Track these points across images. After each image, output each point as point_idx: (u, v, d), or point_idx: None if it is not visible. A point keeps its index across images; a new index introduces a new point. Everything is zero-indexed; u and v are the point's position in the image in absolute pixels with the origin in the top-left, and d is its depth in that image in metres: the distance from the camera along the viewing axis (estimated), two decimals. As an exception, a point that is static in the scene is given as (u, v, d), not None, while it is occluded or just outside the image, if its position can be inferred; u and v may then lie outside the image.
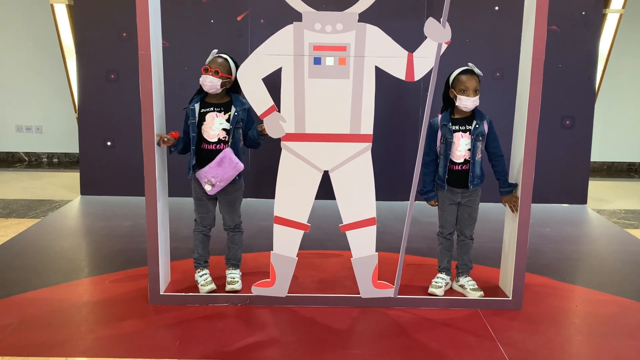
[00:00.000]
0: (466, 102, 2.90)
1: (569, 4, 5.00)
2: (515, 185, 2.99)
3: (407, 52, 2.76)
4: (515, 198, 2.97)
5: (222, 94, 2.96)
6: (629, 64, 6.56)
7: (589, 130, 5.24)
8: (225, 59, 2.95)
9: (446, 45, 2.72)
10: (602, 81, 5.60)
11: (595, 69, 5.19)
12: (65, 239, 4.08)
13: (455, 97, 2.93)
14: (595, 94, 5.29)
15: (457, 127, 2.97)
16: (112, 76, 5.11)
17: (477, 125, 2.96)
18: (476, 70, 2.92)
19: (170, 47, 4.83)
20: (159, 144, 2.85)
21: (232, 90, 3.00)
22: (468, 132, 2.96)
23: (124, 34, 5.02)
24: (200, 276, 3.11)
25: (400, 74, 2.78)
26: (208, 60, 2.93)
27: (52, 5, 5.22)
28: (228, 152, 2.92)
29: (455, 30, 2.76)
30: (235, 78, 2.93)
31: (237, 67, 2.94)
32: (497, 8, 4.99)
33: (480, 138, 2.97)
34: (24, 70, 6.57)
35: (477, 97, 2.92)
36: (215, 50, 2.97)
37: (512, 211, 3.01)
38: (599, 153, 6.74)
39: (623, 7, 5.35)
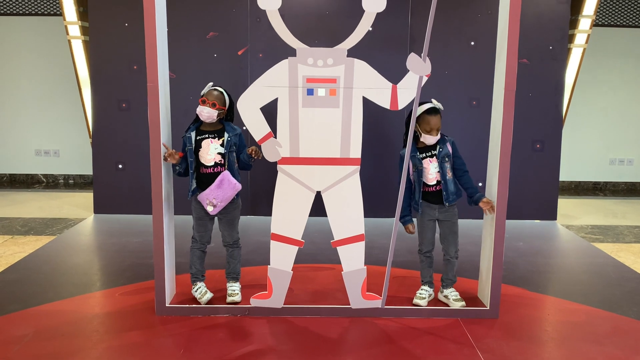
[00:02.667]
0: (430, 140, 2.95)
1: (538, 39, 5.06)
2: (479, 193, 2.99)
3: (391, 84, 2.78)
4: (488, 201, 2.95)
5: (216, 122, 2.97)
6: (592, 92, 6.63)
7: (557, 153, 5.27)
8: (221, 92, 2.95)
9: (427, 78, 2.74)
10: (568, 108, 5.64)
11: (562, 98, 5.24)
12: (79, 254, 4.04)
13: (420, 133, 2.94)
14: (563, 120, 5.32)
15: (424, 155, 2.99)
16: (124, 105, 5.11)
17: (440, 149, 2.98)
18: (438, 105, 2.95)
19: (177, 78, 4.85)
20: (165, 159, 2.84)
21: (224, 118, 3.01)
22: (435, 157, 2.98)
23: (135, 67, 5.03)
24: (196, 290, 3.08)
25: (385, 104, 2.80)
26: (204, 92, 2.92)
27: (69, 41, 5.24)
28: (226, 174, 2.91)
29: (435, 62, 2.79)
30: (230, 110, 2.96)
31: (230, 99, 2.96)
32: (472, 43, 5.05)
33: (447, 159, 2.98)
34: (43, 100, 6.57)
35: (439, 133, 2.95)
36: (211, 83, 2.97)
37: (491, 213, 2.96)
38: (567, 173, 6.77)
39: (586, 42, 5.42)
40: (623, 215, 5.68)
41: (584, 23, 5.44)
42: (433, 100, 2.97)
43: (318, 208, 2.89)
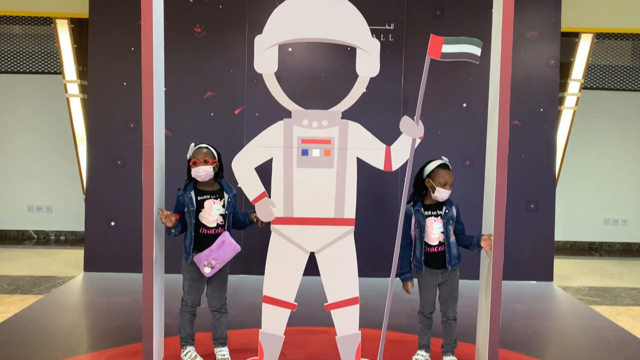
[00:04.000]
0: (443, 195, 2.93)
1: (529, 101, 5.18)
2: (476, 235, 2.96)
3: (385, 145, 2.81)
4: (488, 237, 2.89)
5: (211, 180, 2.97)
6: (584, 153, 6.72)
7: (551, 213, 5.28)
8: (206, 147, 2.96)
9: (420, 140, 2.78)
10: (561, 169, 5.71)
11: (555, 158, 5.30)
12: (66, 315, 3.93)
13: (433, 188, 2.94)
14: (556, 180, 5.37)
15: (429, 213, 2.98)
16: (119, 162, 5.13)
17: (447, 210, 2.98)
18: (447, 162, 2.98)
19: (173, 137, 4.89)
20: (160, 219, 2.82)
21: (217, 175, 3.01)
22: (440, 217, 2.97)
23: (131, 125, 5.09)
24: (185, 354, 3.00)
25: (379, 165, 2.82)
26: (190, 154, 2.92)
27: (67, 99, 5.32)
28: (227, 235, 2.89)
29: (429, 123, 2.83)
30: (220, 162, 2.96)
31: (217, 152, 2.97)
32: (465, 105, 5.15)
33: (451, 222, 2.97)
34: (39, 155, 6.59)
35: (450, 191, 2.97)
36: (192, 144, 2.97)
37: (490, 249, 2.89)
38: (562, 233, 6.76)
39: (576, 105, 5.55)
40: (620, 276, 5.63)
41: (573, 86, 5.59)
42: (443, 157, 3.00)
43: (311, 266, 2.85)
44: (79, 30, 5.39)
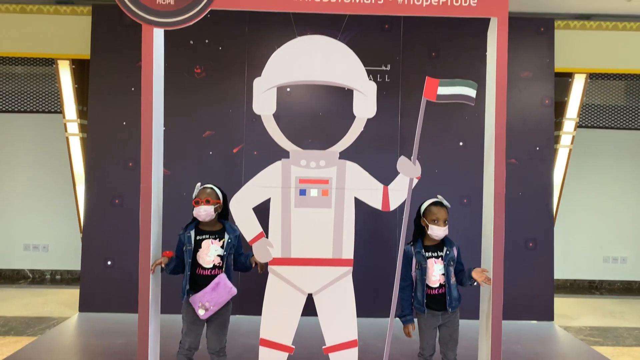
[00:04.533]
0: (437, 232, 2.92)
1: (525, 140, 5.22)
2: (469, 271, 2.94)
3: (382, 185, 2.82)
4: (482, 271, 2.86)
5: (214, 220, 2.96)
6: (581, 191, 6.74)
7: (550, 251, 5.26)
8: (211, 188, 2.97)
9: (417, 180, 2.79)
10: (558, 206, 5.72)
11: (552, 196, 5.32)
12: (60, 357, 3.86)
13: (427, 226, 2.94)
14: (554, 218, 5.37)
15: (430, 254, 2.96)
16: (117, 201, 5.13)
17: (447, 252, 2.96)
18: (445, 202, 2.98)
19: (172, 175, 4.91)
20: (152, 270, 2.80)
21: (222, 215, 3.00)
22: (440, 258, 2.95)
23: (130, 164, 5.11)
24: (181, 399, 2.94)
25: (377, 205, 2.83)
26: (195, 194, 2.94)
27: (67, 138, 5.36)
28: (223, 277, 2.86)
29: (426, 161, 2.86)
30: (225, 202, 2.96)
31: (222, 192, 2.98)
32: (461, 143, 5.19)
33: (452, 263, 2.96)
34: (37, 193, 6.59)
35: (447, 226, 2.95)
36: (199, 184, 2.99)
37: (488, 284, 2.87)
38: (561, 271, 6.71)
39: (571, 143, 5.60)
40: (621, 315, 5.57)
41: (569, 125, 5.65)
42: (438, 195, 3.01)
43: (313, 307, 2.82)
44: (80, 71, 5.47)
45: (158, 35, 2.86)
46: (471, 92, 2.74)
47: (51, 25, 5.38)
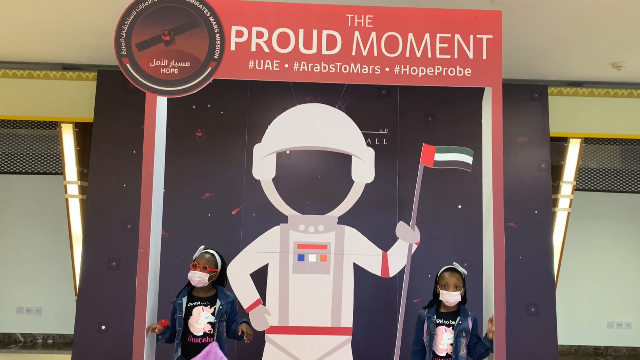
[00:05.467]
0: (447, 297, 2.90)
1: (523, 204, 5.23)
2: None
3: (381, 251, 2.81)
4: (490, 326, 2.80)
5: (208, 286, 2.93)
6: (582, 254, 6.69)
7: (553, 317, 5.16)
8: (212, 254, 2.96)
9: (416, 246, 2.79)
10: (559, 270, 5.66)
11: (552, 260, 5.27)
12: None
13: (439, 291, 2.92)
14: (555, 282, 5.31)
15: (441, 321, 2.92)
16: (114, 264, 5.07)
17: (460, 322, 2.91)
18: (459, 268, 2.97)
19: (169, 237, 4.89)
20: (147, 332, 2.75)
21: (217, 281, 2.97)
22: (452, 327, 2.90)
23: (129, 226, 5.09)
24: None
25: (376, 271, 2.81)
26: (195, 256, 2.94)
27: (66, 200, 5.37)
28: (214, 346, 2.80)
29: (425, 225, 2.86)
30: (221, 271, 2.94)
31: (222, 260, 2.96)
32: (460, 207, 5.20)
33: (464, 334, 2.90)
34: (33, 255, 6.53)
35: (458, 292, 2.93)
36: (202, 247, 3.00)
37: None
38: (565, 337, 6.56)
39: (569, 206, 5.62)
40: (629, 384, 5.40)
41: (566, 188, 5.70)
42: (454, 263, 3.00)
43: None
44: (83, 133, 5.56)
45: (161, 102, 2.93)
46: (467, 159, 2.78)
47: (57, 90, 5.51)
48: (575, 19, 4.13)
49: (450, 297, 2.90)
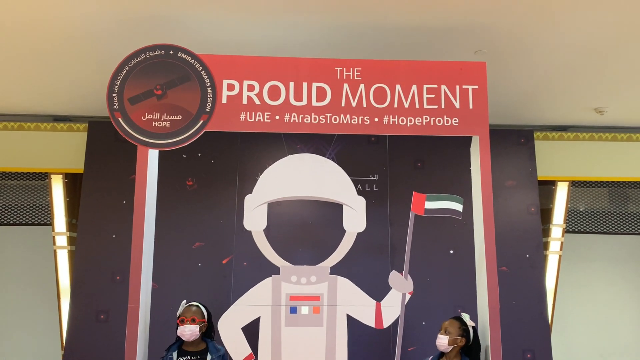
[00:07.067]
0: (438, 342, 2.87)
1: (514, 248, 5.24)
2: None
3: (375, 302, 2.79)
4: None
5: (198, 340, 2.88)
6: (575, 297, 6.67)
7: (549, 362, 5.09)
8: (197, 306, 2.93)
9: (409, 295, 2.77)
10: (553, 314, 5.62)
11: (546, 304, 5.24)
12: None
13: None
14: (550, 326, 5.26)
15: None
16: (102, 316, 4.97)
17: None
18: (462, 316, 2.94)
19: (159, 288, 4.81)
20: None
21: (206, 334, 2.93)
22: None
23: (118, 277, 5.01)
24: None
25: (370, 322, 2.78)
26: (180, 312, 2.90)
27: (55, 251, 5.30)
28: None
29: (417, 270, 2.85)
30: (209, 321, 2.90)
31: (208, 311, 2.92)
32: (452, 251, 5.20)
33: None
34: (18, 308, 6.38)
35: (446, 336, 2.88)
36: (184, 301, 2.96)
37: None
38: (563, 382, 6.46)
39: (561, 249, 5.64)
40: None
41: (556, 231, 5.72)
42: (462, 313, 2.98)
43: None
44: (73, 184, 5.54)
45: (153, 155, 2.95)
46: (458, 207, 2.80)
47: (47, 141, 5.52)
48: (556, 66, 4.26)
49: (437, 340, 2.88)
